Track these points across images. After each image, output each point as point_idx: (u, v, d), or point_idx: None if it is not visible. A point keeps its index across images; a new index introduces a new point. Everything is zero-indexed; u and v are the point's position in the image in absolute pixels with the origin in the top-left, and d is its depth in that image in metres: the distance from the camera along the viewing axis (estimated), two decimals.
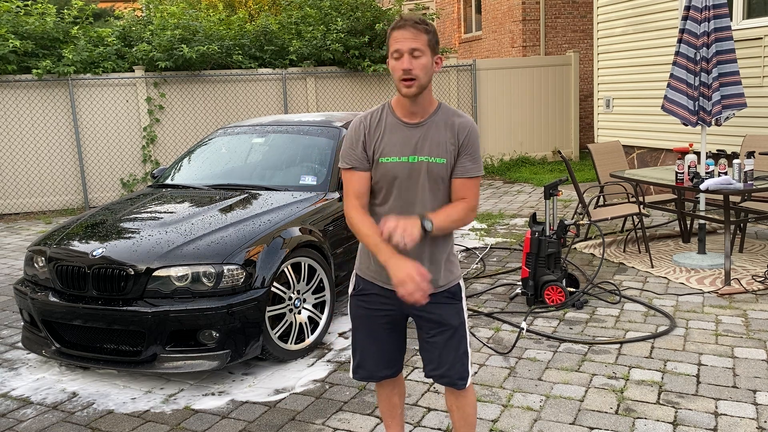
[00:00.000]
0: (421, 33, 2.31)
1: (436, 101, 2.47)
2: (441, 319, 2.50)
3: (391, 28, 2.36)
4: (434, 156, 2.39)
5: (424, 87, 2.35)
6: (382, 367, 2.64)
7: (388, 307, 2.55)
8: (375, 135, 2.43)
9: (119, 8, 15.93)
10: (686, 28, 5.75)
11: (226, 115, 10.87)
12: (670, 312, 4.73)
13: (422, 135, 2.41)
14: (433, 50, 2.36)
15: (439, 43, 2.41)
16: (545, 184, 7.32)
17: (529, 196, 9.65)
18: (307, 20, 11.50)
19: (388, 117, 2.45)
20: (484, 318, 4.79)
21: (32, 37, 10.04)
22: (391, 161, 2.40)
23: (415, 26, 2.31)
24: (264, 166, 5.36)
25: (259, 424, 3.45)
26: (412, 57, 2.31)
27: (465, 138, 2.41)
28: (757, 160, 6.06)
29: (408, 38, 2.30)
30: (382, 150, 2.41)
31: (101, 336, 3.97)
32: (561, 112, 12.55)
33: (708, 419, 3.27)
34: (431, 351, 2.55)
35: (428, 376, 2.60)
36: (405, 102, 2.40)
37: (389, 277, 2.35)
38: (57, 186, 10.26)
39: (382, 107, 2.49)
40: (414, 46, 2.30)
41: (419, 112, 2.42)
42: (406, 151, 2.40)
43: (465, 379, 2.57)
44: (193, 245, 4.00)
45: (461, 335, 2.54)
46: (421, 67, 2.31)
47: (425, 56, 2.32)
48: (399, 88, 2.35)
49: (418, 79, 2.32)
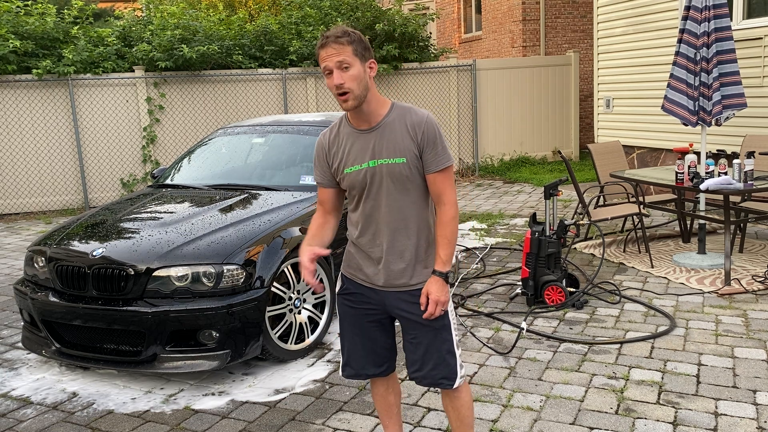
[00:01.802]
0: (344, 45, 2.35)
1: (387, 102, 2.50)
2: (422, 320, 2.51)
3: (317, 48, 2.41)
4: (392, 157, 2.43)
5: (361, 97, 2.39)
6: (370, 366, 2.66)
7: (372, 306, 2.59)
8: (335, 149, 2.52)
9: (119, 8, 15.93)
10: (686, 28, 5.75)
11: (226, 115, 10.87)
12: (670, 312, 4.73)
13: (377, 138, 2.46)
14: (362, 57, 2.39)
15: (368, 49, 2.43)
16: (545, 184, 7.32)
17: (529, 196, 9.65)
18: (307, 20, 11.51)
19: (345, 128, 2.52)
20: (484, 318, 4.79)
21: (32, 37, 10.04)
22: (354, 170, 2.47)
23: (337, 40, 2.35)
24: (264, 166, 5.36)
25: (259, 424, 3.45)
26: (342, 70, 2.35)
27: (422, 133, 2.44)
28: (757, 160, 6.06)
29: (332, 54, 2.35)
30: (345, 161, 2.49)
31: (101, 336, 3.97)
32: (561, 112, 12.55)
33: (708, 419, 3.27)
34: (414, 352, 2.57)
35: (411, 378, 2.61)
36: (353, 112, 2.46)
37: (367, 275, 2.53)
38: (57, 186, 10.26)
39: (340, 120, 2.56)
40: (339, 59, 2.34)
41: (371, 117, 2.47)
42: (366, 157, 2.45)
43: (452, 380, 2.56)
44: (193, 245, 4.00)
45: (445, 336, 2.54)
46: (351, 78, 2.35)
47: (354, 67, 2.36)
48: (339, 103, 2.41)
49: (351, 91, 2.36)
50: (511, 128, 12.31)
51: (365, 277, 2.57)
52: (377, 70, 12.30)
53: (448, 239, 2.47)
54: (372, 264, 2.54)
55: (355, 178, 2.47)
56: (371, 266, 2.54)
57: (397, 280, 2.51)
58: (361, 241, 2.55)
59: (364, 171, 2.45)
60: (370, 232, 2.52)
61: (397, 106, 2.50)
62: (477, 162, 12.03)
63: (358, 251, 2.58)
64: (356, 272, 2.60)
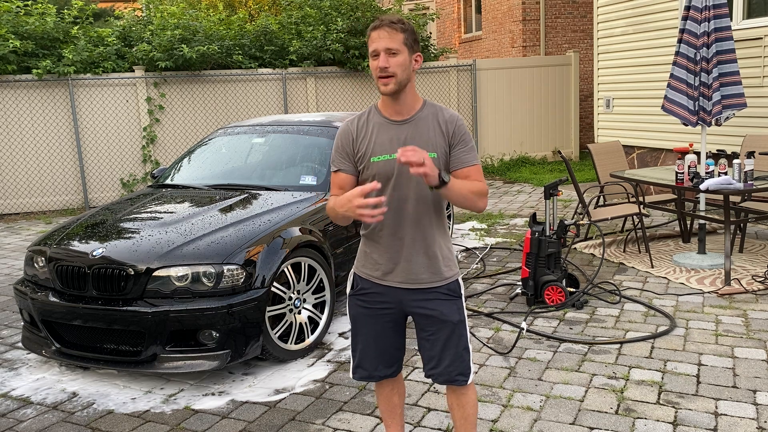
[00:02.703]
0: (396, 32, 2.36)
1: (421, 99, 2.52)
2: (441, 316, 2.51)
3: (369, 29, 2.41)
4: (426, 150, 2.40)
5: (402, 83, 2.39)
6: (382, 367, 2.65)
7: (388, 305, 2.56)
8: (363, 137, 2.48)
9: (119, 8, 15.92)
10: (686, 28, 5.75)
11: (226, 115, 10.87)
12: (670, 312, 4.73)
13: (411, 131, 2.45)
14: (411, 48, 2.41)
15: (417, 42, 2.45)
16: (545, 184, 7.32)
17: (529, 196, 9.65)
18: (307, 20, 11.50)
19: (375, 117, 2.50)
20: (484, 318, 4.79)
21: (32, 37, 10.04)
22: (382, 159, 2.44)
23: (391, 26, 2.36)
24: (264, 166, 5.36)
25: (259, 424, 3.45)
26: (389, 55, 2.36)
27: (454, 130, 2.45)
28: (757, 160, 6.06)
29: (384, 38, 2.36)
30: (372, 150, 2.45)
31: (101, 336, 3.97)
32: (561, 112, 12.55)
33: (708, 419, 3.27)
34: (431, 349, 2.56)
35: (428, 375, 2.60)
36: (389, 101, 2.45)
37: (384, 273, 2.48)
38: (57, 186, 10.26)
39: (368, 110, 2.55)
40: (389, 45, 2.35)
41: (405, 109, 2.46)
42: (396, 148, 2.43)
43: (467, 375, 2.57)
44: (193, 245, 4.00)
45: (461, 332, 2.55)
46: (397, 64, 2.36)
47: (402, 54, 2.37)
48: (378, 86, 2.40)
49: (396, 75, 2.36)
50: (511, 128, 12.31)
51: (382, 275, 2.53)
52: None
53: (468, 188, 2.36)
54: (391, 260, 2.50)
55: (383, 168, 2.43)
56: (390, 263, 2.51)
57: (418, 276, 2.49)
58: (381, 235, 2.50)
59: (393, 161, 2.42)
60: (393, 225, 2.48)
61: (429, 103, 2.52)
62: None
63: (376, 247, 2.53)
64: (372, 271, 2.55)
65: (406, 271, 2.49)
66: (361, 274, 2.60)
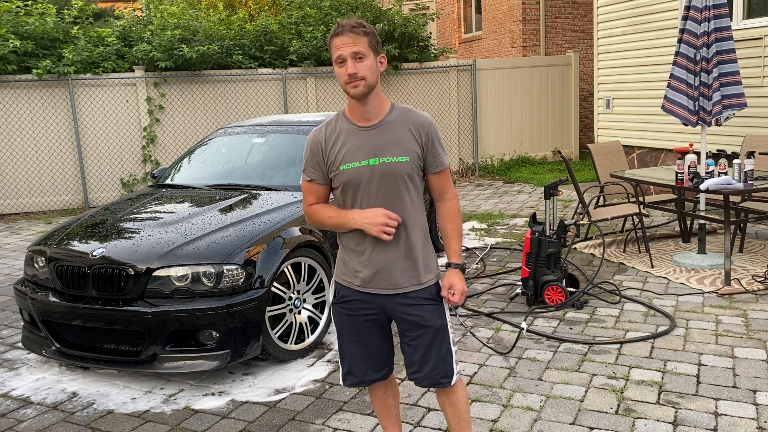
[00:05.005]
0: (360, 36, 2.34)
1: (388, 102, 2.49)
2: (423, 321, 2.50)
3: (330, 36, 2.39)
4: (396, 155, 2.41)
5: (372, 86, 2.38)
6: (371, 371, 2.64)
7: (371, 311, 2.55)
8: (333, 145, 2.45)
9: (119, 8, 15.93)
10: (686, 28, 5.75)
11: (226, 115, 10.87)
12: (670, 312, 4.73)
13: (380, 136, 2.43)
14: (375, 51, 2.39)
15: (380, 44, 2.44)
16: (545, 184, 7.32)
17: (529, 196, 9.65)
18: (307, 20, 11.51)
19: (343, 124, 2.47)
20: (484, 318, 4.79)
21: (32, 37, 10.04)
22: (352, 167, 2.42)
23: (354, 30, 2.34)
24: (264, 166, 5.36)
25: (259, 424, 3.45)
26: (356, 60, 2.34)
27: (426, 134, 2.45)
28: (757, 160, 6.06)
29: (348, 43, 2.33)
30: (342, 158, 2.43)
31: (101, 336, 3.97)
32: (561, 112, 12.55)
33: (708, 419, 3.27)
34: (413, 354, 2.55)
35: (411, 379, 2.59)
36: (357, 106, 2.42)
37: (364, 281, 2.48)
38: (57, 186, 10.26)
39: (336, 117, 2.51)
40: (355, 50, 2.33)
41: (373, 114, 2.44)
42: (366, 154, 2.41)
43: (450, 377, 2.56)
44: (193, 245, 4.00)
45: (444, 335, 2.54)
46: (365, 68, 2.35)
47: (368, 58, 2.36)
48: (347, 91, 2.38)
49: (366, 78, 2.35)
50: (511, 128, 12.31)
51: (361, 283, 2.50)
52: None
53: (458, 232, 2.55)
54: (370, 267, 2.47)
55: (352, 176, 2.41)
56: (368, 270, 2.47)
57: (398, 282, 2.47)
58: (358, 243, 2.47)
59: (363, 168, 2.41)
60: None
61: (397, 105, 2.49)
62: (477, 162, 12.03)
63: (354, 255, 2.50)
64: (351, 279, 2.53)
65: (386, 277, 2.47)
66: (341, 282, 2.58)
